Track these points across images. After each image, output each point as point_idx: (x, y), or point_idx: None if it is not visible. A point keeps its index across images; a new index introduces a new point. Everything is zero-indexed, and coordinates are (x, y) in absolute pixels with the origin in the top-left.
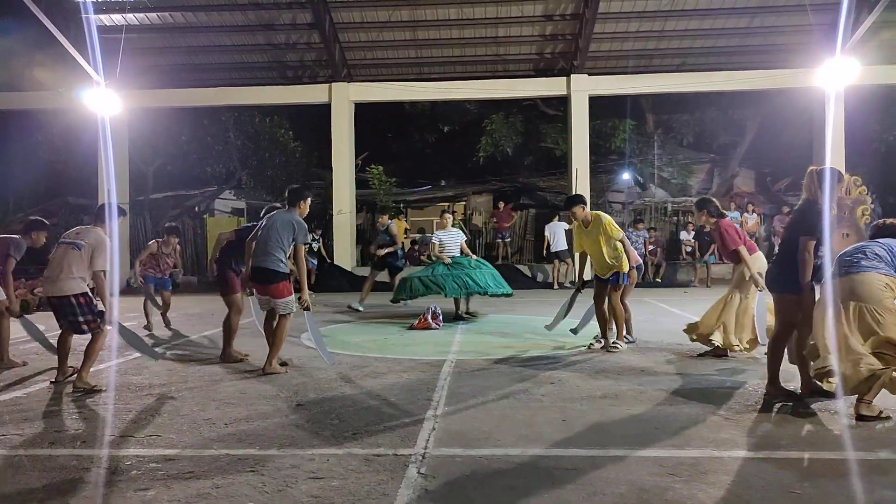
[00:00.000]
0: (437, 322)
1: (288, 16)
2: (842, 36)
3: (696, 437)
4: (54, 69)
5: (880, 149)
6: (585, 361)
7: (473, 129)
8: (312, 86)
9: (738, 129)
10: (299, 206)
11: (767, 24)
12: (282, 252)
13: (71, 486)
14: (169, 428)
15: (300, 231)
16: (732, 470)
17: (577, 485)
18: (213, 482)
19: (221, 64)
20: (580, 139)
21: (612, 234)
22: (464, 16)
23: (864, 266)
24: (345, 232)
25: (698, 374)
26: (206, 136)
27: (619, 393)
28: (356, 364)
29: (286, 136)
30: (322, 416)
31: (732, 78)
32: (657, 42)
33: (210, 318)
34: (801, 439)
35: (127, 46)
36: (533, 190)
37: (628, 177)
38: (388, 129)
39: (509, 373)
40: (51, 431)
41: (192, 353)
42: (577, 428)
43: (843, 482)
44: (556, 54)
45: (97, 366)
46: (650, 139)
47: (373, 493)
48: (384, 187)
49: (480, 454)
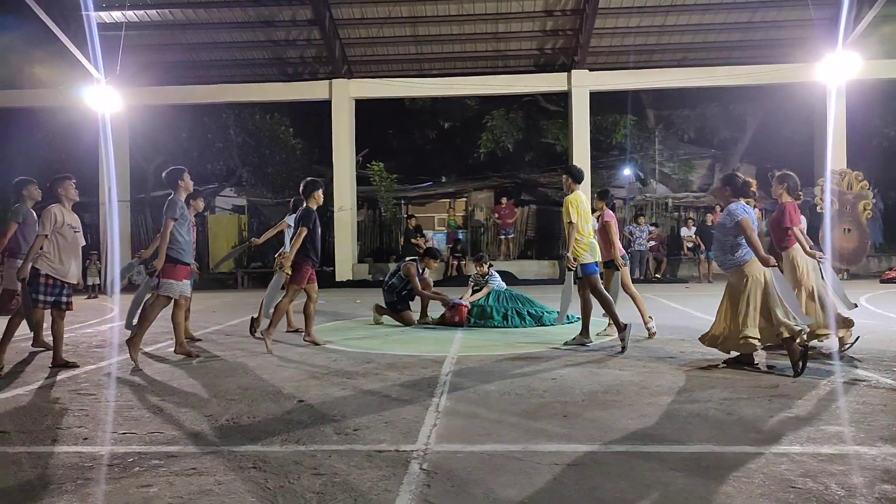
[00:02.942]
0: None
1: (288, 12)
2: (843, 30)
3: (698, 432)
4: (54, 67)
5: (882, 144)
6: (586, 357)
7: (474, 125)
8: (313, 82)
9: (740, 124)
10: (313, 196)
11: (768, 19)
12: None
13: (73, 483)
14: (171, 424)
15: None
16: (734, 465)
17: (579, 480)
18: (216, 478)
19: (221, 61)
20: (581, 135)
21: (563, 217)
22: (464, 12)
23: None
24: (346, 228)
25: (699, 369)
26: (206, 133)
27: (621, 388)
28: (358, 360)
29: (287, 132)
30: (324, 412)
31: (733, 73)
32: (658, 37)
33: (212, 315)
34: (803, 434)
35: (127, 43)
36: (534, 186)
37: (629, 172)
38: (389, 125)
39: (510, 369)
40: (53, 428)
41: (195, 349)
42: (579, 424)
43: (845, 476)
44: (557, 50)
45: (98, 363)
46: (651, 134)
47: (375, 488)
48: (385, 184)
49: (482, 450)
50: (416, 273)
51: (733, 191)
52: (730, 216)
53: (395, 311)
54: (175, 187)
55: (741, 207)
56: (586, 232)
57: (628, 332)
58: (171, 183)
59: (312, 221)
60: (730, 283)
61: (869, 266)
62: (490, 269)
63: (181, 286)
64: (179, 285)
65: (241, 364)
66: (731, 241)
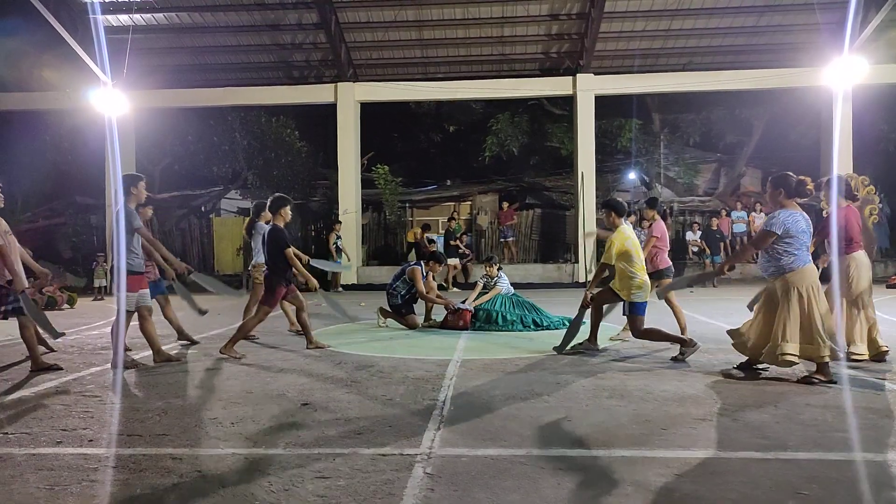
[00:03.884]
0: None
1: (294, 16)
2: (849, 34)
3: (704, 437)
4: (61, 70)
5: (888, 148)
6: (591, 362)
7: (479, 129)
8: (318, 86)
9: (745, 128)
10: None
11: (774, 23)
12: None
13: (78, 486)
14: (175, 427)
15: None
16: (740, 470)
17: (583, 485)
18: (220, 481)
19: (227, 64)
20: (586, 139)
21: (608, 256)
22: (469, 15)
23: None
24: (351, 231)
25: (705, 374)
26: (212, 136)
27: (625, 393)
28: (362, 364)
29: (292, 135)
30: (328, 416)
31: (739, 77)
32: (663, 41)
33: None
34: (810, 440)
35: (134, 47)
36: (539, 190)
37: (634, 176)
38: (394, 128)
39: (514, 373)
40: (58, 430)
41: (199, 352)
42: (583, 428)
43: (851, 483)
44: (562, 53)
45: (103, 365)
46: (656, 138)
47: (379, 492)
48: (390, 187)
49: (486, 454)
50: (420, 276)
51: (787, 192)
52: (777, 223)
53: (399, 315)
54: (128, 195)
55: (793, 218)
56: (640, 267)
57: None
58: (125, 190)
59: (286, 240)
60: (769, 290)
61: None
62: (499, 272)
63: (138, 297)
64: (136, 296)
65: (246, 367)
66: (781, 247)
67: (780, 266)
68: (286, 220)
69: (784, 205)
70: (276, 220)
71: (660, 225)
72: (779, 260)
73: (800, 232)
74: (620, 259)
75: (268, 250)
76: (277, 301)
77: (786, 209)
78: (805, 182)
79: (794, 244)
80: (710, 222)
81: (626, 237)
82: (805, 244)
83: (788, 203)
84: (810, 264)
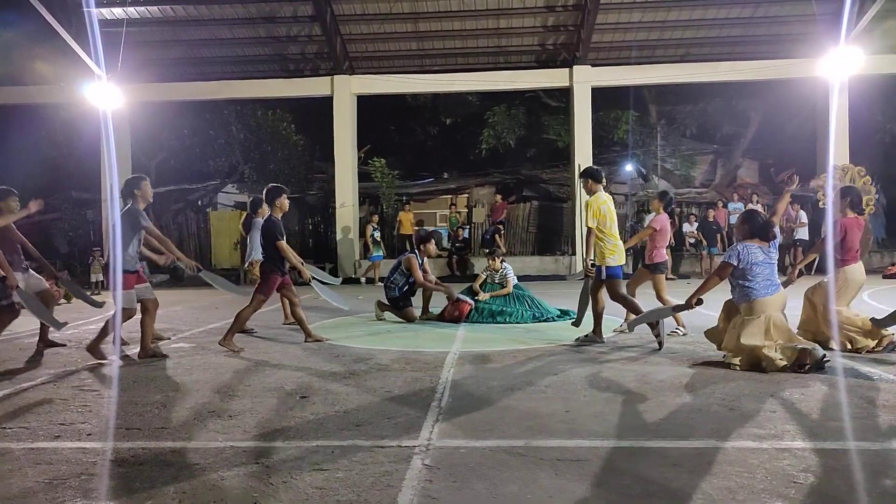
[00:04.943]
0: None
1: (289, 8)
2: (846, 25)
3: (701, 427)
4: (56, 63)
5: (884, 139)
6: (588, 353)
7: (475, 122)
8: (314, 79)
9: (742, 119)
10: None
11: (771, 14)
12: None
13: (77, 479)
14: (174, 420)
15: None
16: (737, 460)
17: (581, 476)
18: (219, 474)
19: (223, 57)
20: (583, 131)
21: (587, 218)
22: (465, 7)
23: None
24: (348, 225)
25: (701, 365)
26: (208, 129)
27: (623, 384)
28: (360, 356)
29: (288, 129)
30: (326, 408)
31: (736, 68)
32: (660, 32)
33: (214, 311)
34: (805, 430)
35: (128, 40)
36: (536, 182)
37: (631, 168)
38: (390, 121)
39: (513, 364)
40: (56, 424)
41: (197, 345)
42: (581, 419)
43: (847, 472)
44: (559, 45)
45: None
46: (653, 130)
47: (377, 484)
48: (386, 180)
49: (484, 445)
50: (417, 265)
51: (751, 229)
52: (733, 255)
53: (396, 308)
54: (133, 197)
55: (748, 250)
56: (612, 233)
57: (663, 328)
58: (129, 193)
59: (281, 231)
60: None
61: (871, 261)
62: (504, 264)
63: (137, 292)
64: (131, 294)
65: (244, 360)
66: (740, 277)
67: (745, 293)
68: (283, 210)
69: (744, 238)
70: (274, 211)
71: (662, 218)
72: (743, 288)
73: (754, 264)
74: (595, 221)
75: (262, 241)
76: (272, 290)
77: (742, 242)
78: (772, 225)
79: (749, 275)
80: (706, 214)
81: (603, 202)
82: (762, 274)
83: (750, 238)
84: (774, 295)
